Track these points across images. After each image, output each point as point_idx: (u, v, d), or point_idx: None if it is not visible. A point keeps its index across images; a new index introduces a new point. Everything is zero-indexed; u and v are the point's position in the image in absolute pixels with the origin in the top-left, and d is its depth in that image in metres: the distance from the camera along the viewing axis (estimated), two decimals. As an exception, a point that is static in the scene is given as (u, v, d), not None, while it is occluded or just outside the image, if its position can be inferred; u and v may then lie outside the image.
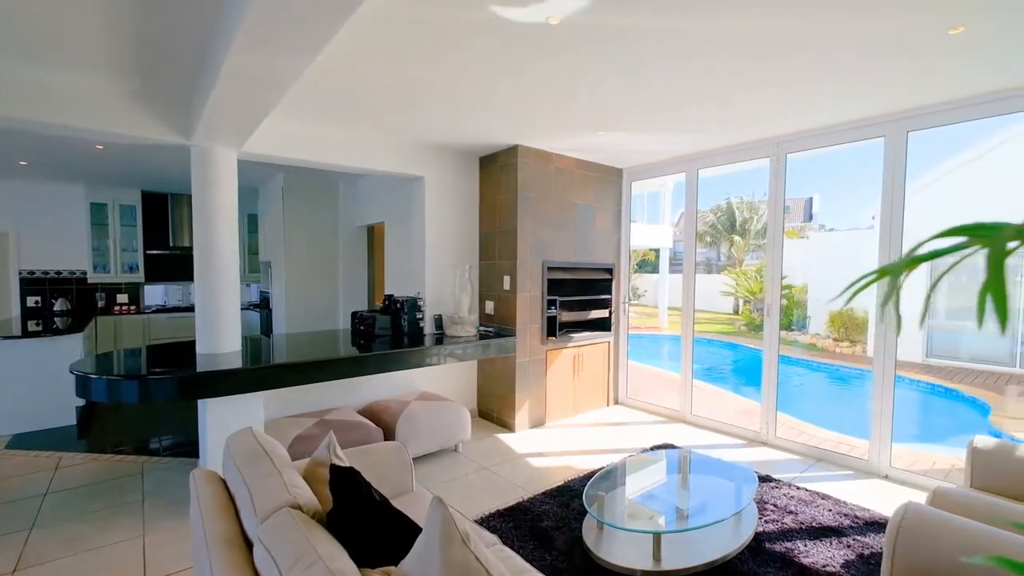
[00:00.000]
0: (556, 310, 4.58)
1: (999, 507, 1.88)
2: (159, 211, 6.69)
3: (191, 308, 6.29)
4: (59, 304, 6.06)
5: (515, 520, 2.77)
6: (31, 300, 6.08)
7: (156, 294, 6.86)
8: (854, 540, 2.59)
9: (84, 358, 3.86)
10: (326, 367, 3.10)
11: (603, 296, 5.10)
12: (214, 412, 2.86)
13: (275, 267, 6.25)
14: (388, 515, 1.39)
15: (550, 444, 4.08)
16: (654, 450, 3.89)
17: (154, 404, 4.88)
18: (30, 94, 2.63)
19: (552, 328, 4.56)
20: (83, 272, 6.27)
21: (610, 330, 5.13)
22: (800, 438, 4.09)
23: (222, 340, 3.18)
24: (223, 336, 3.19)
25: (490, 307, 4.57)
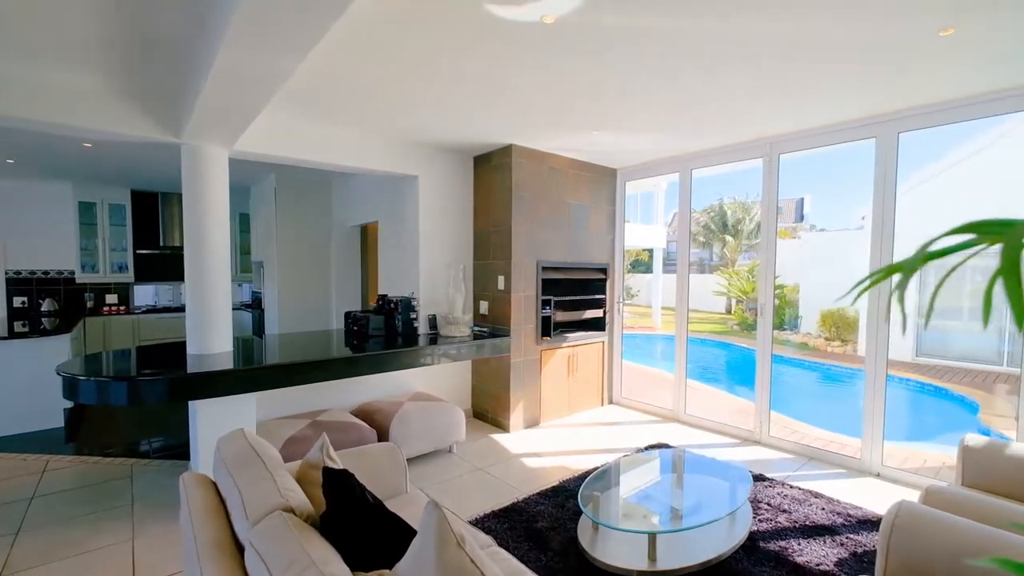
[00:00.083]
0: (550, 310, 4.57)
1: (991, 505, 1.89)
2: (149, 210, 6.60)
3: (182, 308, 6.24)
4: (46, 304, 5.97)
5: (510, 521, 2.76)
6: (18, 300, 5.98)
7: (146, 294, 6.78)
8: (847, 538, 2.61)
9: (72, 359, 3.80)
10: (319, 368, 3.07)
11: (597, 296, 5.11)
12: (205, 414, 2.82)
13: (267, 267, 6.18)
14: (382, 517, 1.37)
15: (545, 444, 4.07)
16: (648, 450, 3.90)
17: (144, 406, 4.82)
18: (17, 91, 2.60)
19: (546, 328, 4.55)
20: (71, 272, 6.17)
21: (604, 330, 5.13)
22: (793, 437, 4.11)
23: (213, 341, 3.15)
24: (214, 337, 3.15)
25: (484, 307, 4.55)
